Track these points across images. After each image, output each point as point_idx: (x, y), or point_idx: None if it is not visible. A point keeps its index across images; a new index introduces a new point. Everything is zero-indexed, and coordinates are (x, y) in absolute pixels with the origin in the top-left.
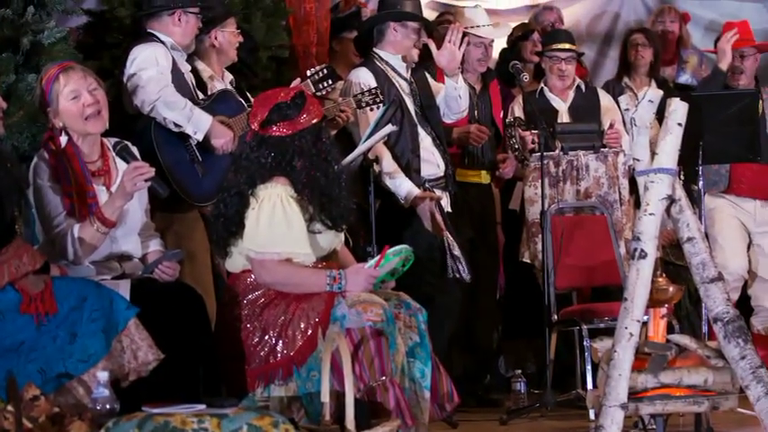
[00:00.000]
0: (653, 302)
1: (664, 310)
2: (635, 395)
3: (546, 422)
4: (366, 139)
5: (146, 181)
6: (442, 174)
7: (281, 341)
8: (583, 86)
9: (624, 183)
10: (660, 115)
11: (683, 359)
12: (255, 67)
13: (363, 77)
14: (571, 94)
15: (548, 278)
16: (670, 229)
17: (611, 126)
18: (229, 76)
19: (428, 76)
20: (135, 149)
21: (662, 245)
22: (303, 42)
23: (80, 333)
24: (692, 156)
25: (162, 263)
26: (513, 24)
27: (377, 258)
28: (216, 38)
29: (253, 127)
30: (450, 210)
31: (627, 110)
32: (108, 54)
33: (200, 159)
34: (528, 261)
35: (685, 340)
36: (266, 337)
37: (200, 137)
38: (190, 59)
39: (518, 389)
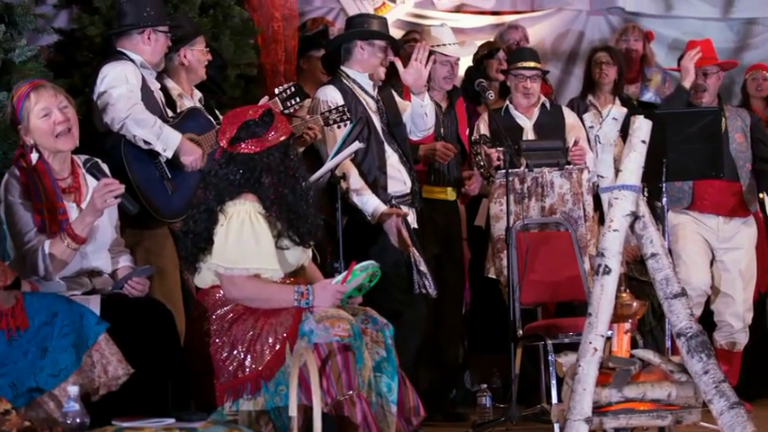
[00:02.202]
0: (617, 318)
1: (628, 326)
2: (599, 409)
3: None
4: (333, 156)
5: (116, 198)
6: (408, 190)
7: (249, 356)
8: (547, 104)
9: (588, 199)
10: (624, 132)
11: (646, 374)
12: (224, 84)
13: (331, 95)
14: (536, 111)
15: (513, 293)
16: (634, 245)
17: (576, 143)
18: (198, 94)
19: (395, 93)
20: (105, 166)
21: (626, 261)
22: (271, 61)
23: (51, 348)
24: (656, 172)
25: (132, 278)
26: (479, 43)
27: (344, 274)
28: (185, 56)
29: (221, 144)
30: (416, 226)
31: (591, 127)
32: (78, 72)
33: (170, 176)
34: (493, 277)
35: (649, 355)
36: (235, 352)
37: (169, 154)
38: (159, 77)
39: (483, 403)
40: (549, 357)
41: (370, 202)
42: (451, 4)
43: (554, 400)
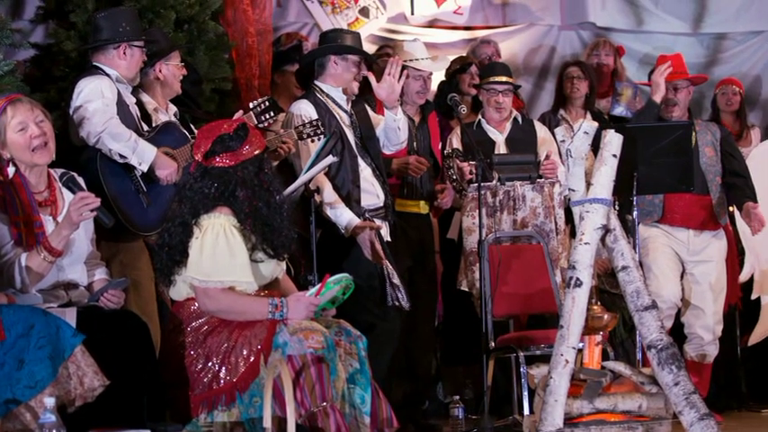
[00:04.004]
0: (588, 330)
1: (599, 338)
2: (571, 421)
3: None
4: (307, 170)
5: (91, 211)
6: (381, 204)
7: (224, 368)
8: (519, 118)
9: (560, 212)
10: (595, 146)
11: (617, 385)
12: (199, 99)
13: (304, 109)
14: (508, 125)
15: (485, 306)
16: (605, 257)
17: (548, 157)
18: (173, 109)
19: (368, 108)
20: (81, 180)
21: (597, 273)
22: (246, 75)
23: (27, 360)
24: (627, 186)
25: (107, 291)
26: (452, 57)
27: (318, 287)
28: (160, 71)
29: (196, 158)
30: (389, 239)
31: (563, 141)
32: (54, 87)
33: (145, 190)
34: (466, 289)
35: (620, 367)
36: (209, 364)
37: (144, 168)
38: (135, 92)
39: (456, 414)
40: (521, 369)
41: (343, 216)
42: (424, 19)
43: (526, 411)
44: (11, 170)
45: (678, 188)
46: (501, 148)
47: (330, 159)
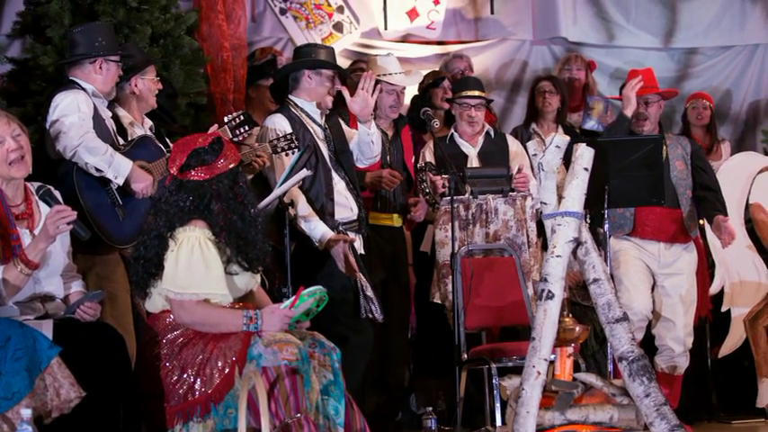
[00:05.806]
0: (560, 342)
1: (570, 350)
2: None
3: None
4: (281, 184)
5: (68, 224)
6: (355, 217)
7: (199, 379)
8: (492, 132)
9: (532, 225)
10: (567, 160)
11: (589, 397)
12: (174, 113)
13: (279, 123)
14: (480, 139)
15: (458, 318)
16: (576, 270)
17: (520, 171)
18: (149, 123)
19: (342, 122)
20: (57, 193)
21: (569, 286)
22: (220, 89)
23: (4, 371)
24: (598, 199)
25: (83, 303)
26: (425, 72)
27: (292, 299)
28: (136, 85)
29: (172, 171)
30: (363, 252)
31: (534, 155)
32: (31, 101)
33: (121, 203)
34: (439, 302)
35: (591, 378)
36: (185, 376)
37: (120, 181)
38: (111, 106)
39: (429, 425)
40: (494, 381)
41: (317, 229)
42: (398, 34)
43: (498, 422)
44: None
45: (649, 201)
46: (473, 162)
47: (304, 173)
